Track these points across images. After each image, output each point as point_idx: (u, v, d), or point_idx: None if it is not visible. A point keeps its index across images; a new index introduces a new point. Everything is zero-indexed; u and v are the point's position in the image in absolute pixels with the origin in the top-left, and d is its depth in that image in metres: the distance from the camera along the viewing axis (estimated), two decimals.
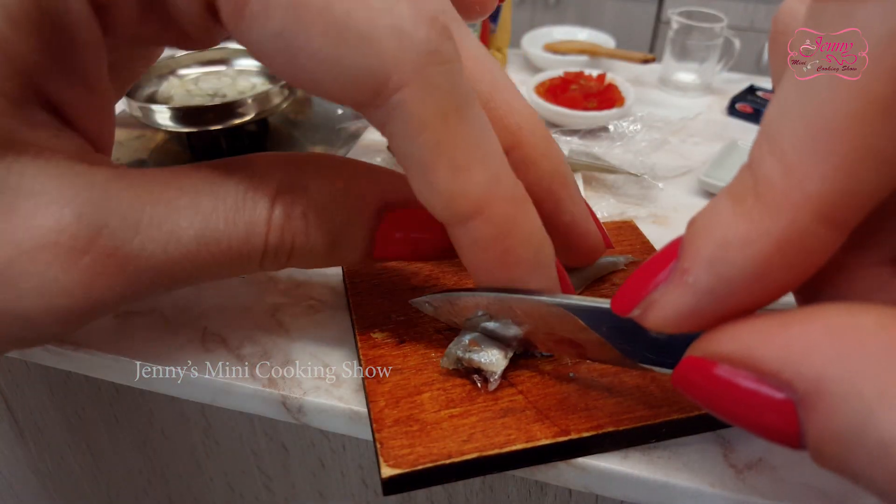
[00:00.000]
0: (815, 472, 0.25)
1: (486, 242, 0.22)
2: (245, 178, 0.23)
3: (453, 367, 0.26)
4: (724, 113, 0.59)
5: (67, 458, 0.46)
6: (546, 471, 0.26)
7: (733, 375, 0.16)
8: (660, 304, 0.18)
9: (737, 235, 0.16)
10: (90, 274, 0.20)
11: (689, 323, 0.18)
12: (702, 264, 0.17)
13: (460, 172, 0.21)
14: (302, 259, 0.24)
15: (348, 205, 0.24)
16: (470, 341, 0.26)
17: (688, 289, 0.17)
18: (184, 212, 0.22)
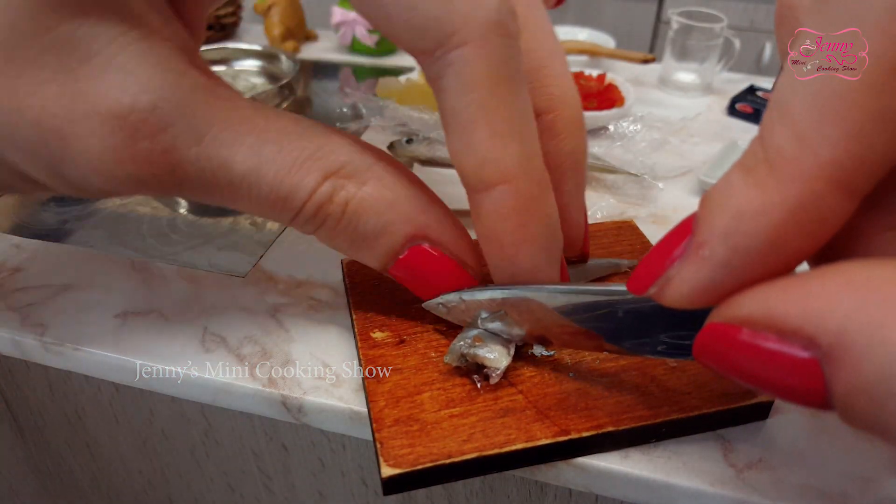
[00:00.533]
0: (815, 472, 0.25)
1: (507, 213, 0.23)
2: (314, 145, 0.23)
3: (456, 363, 0.26)
4: (724, 113, 0.59)
5: (67, 458, 0.46)
6: (546, 471, 0.26)
7: (755, 338, 0.16)
8: (676, 280, 0.18)
9: (751, 206, 0.16)
10: (141, 158, 0.21)
11: (706, 297, 0.18)
12: (717, 237, 0.17)
13: (498, 139, 0.22)
14: (325, 239, 0.25)
15: (386, 220, 0.24)
16: (474, 338, 0.26)
17: (704, 262, 0.17)
18: (245, 148, 0.22)
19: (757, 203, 0.16)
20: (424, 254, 0.25)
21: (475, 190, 0.23)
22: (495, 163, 0.22)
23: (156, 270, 0.37)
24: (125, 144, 0.21)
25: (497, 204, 0.23)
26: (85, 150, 0.21)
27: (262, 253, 0.39)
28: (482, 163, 0.22)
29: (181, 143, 0.22)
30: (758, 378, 0.17)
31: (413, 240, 0.25)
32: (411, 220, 0.25)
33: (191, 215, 0.44)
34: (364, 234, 0.24)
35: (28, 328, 0.33)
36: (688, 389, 0.26)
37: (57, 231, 0.42)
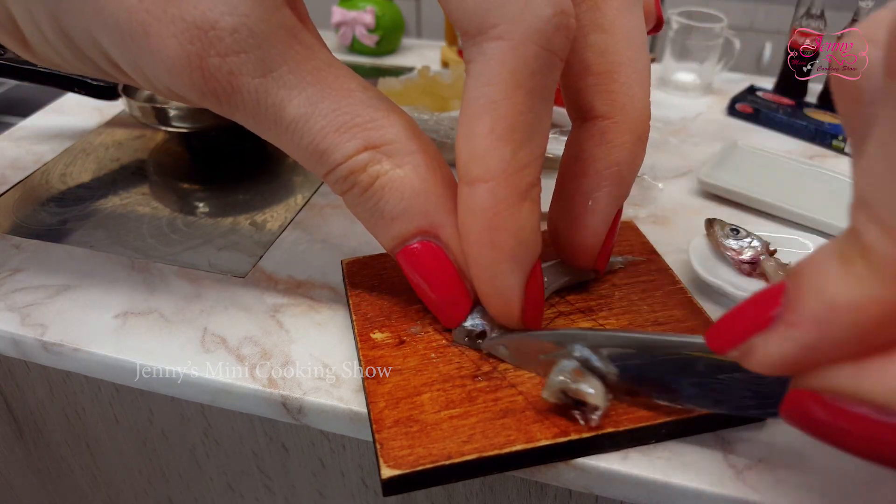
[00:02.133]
0: (815, 473, 0.25)
1: (478, 211, 0.23)
2: (368, 116, 0.24)
3: (554, 399, 0.24)
4: (724, 113, 0.59)
5: (67, 458, 0.46)
6: (546, 471, 0.26)
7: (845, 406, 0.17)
8: (762, 351, 0.19)
9: (847, 298, 0.16)
10: (207, 72, 0.22)
11: (788, 370, 0.18)
12: (809, 322, 0.17)
13: (494, 138, 0.22)
14: (349, 205, 0.26)
15: (406, 206, 0.25)
16: (574, 371, 0.24)
17: (791, 342, 0.18)
18: (304, 96, 0.23)
19: (854, 297, 0.16)
20: (431, 250, 0.26)
21: (461, 180, 0.24)
22: (482, 160, 0.23)
23: (156, 270, 0.37)
24: (198, 55, 0.22)
25: (472, 199, 0.23)
26: (163, 49, 0.22)
27: (262, 253, 0.39)
28: (472, 155, 0.23)
29: (246, 71, 0.22)
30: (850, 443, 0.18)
31: (425, 234, 0.26)
32: (429, 215, 0.25)
33: (190, 216, 0.44)
34: (382, 212, 0.25)
35: (28, 328, 0.33)
36: None
37: (57, 231, 0.42)
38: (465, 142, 0.23)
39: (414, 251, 0.26)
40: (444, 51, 0.68)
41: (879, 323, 0.16)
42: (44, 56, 0.26)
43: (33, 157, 0.51)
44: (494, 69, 0.21)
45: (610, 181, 0.27)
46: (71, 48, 0.25)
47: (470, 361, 0.27)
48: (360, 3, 0.70)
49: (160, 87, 0.24)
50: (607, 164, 0.27)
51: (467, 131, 0.23)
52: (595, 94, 0.26)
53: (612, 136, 0.26)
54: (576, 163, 0.27)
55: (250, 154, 0.51)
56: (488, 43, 0.21)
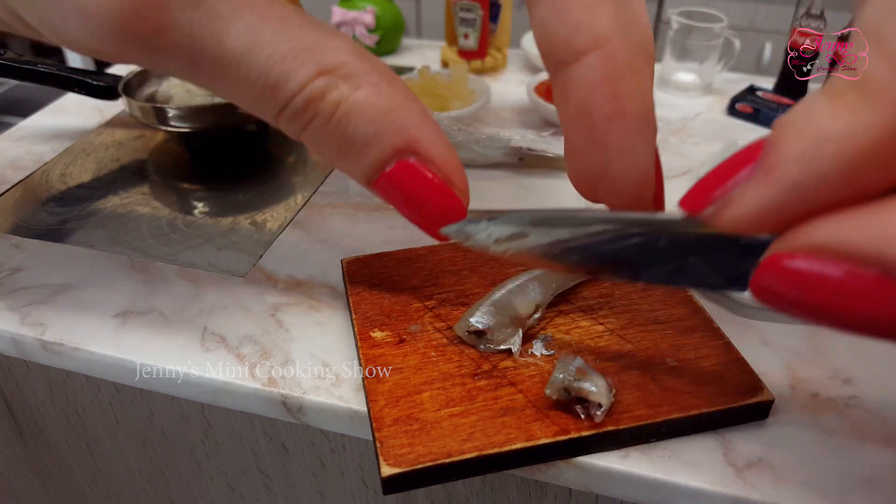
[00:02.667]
0: (815, 472, 0.25)
1: (598, 82, 0.21)
2: (314, 39, 0.22)
3: (557, 396, 0.25)
4: (724, 113, 0.59)
5: (67, 458, 0.46)
6: (546, 470, 0.26)
7: (824, 266, 0.16)
8: (739, 201, 0.17)
9: (836, 129, 0.15)
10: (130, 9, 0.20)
11: (769, 220, 0.17)
12: (792, 159, 0.16)
13: (591, 3, 0.20)
14: (312, 141, 0.24)
15: (376, 128, 0.23)
16: (577, 370, 0.24)
17: (773, 184, 0.16)
18: (242, 25, 0.21)
19: (843, 125, 0.15)
20: (412, 169, 0.24)
21: (564, 62, 0.21)
22: (588, 27, 0.20)
23: (156, 270, 0.37)
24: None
25: (588, 73, 0.21)
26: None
27: (262, 253, 0.39)
28: (574, 28, 0.20)
29: (176, 4, 0.20)
30: (825, 308, 0.16)
31: (402, 153, 0.24)
32: (402, 133, 0.23)
33: (190, 216, 0.44)
34: (352, 141, 0.23)
35: (28, 328, 0.33)
36: (688, 389, 0.26)
37: (57, 231, 0.42)
38: (557, 20, 0.21)
39: (394, 174, 0.24)
40: (444, 51, 0.68)
41: (871, 155, 0.15)
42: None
43: (33, 157, 0.51)
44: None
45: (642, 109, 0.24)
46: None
47: (470, 360, 0.27)
48: (360, 3, 0.70)
49: (73, 41, 0.22)
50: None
51: (554, 9, 0.21)
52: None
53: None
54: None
55: (250, 154, 0.51)
56: None
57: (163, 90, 0.52)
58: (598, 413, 0.24)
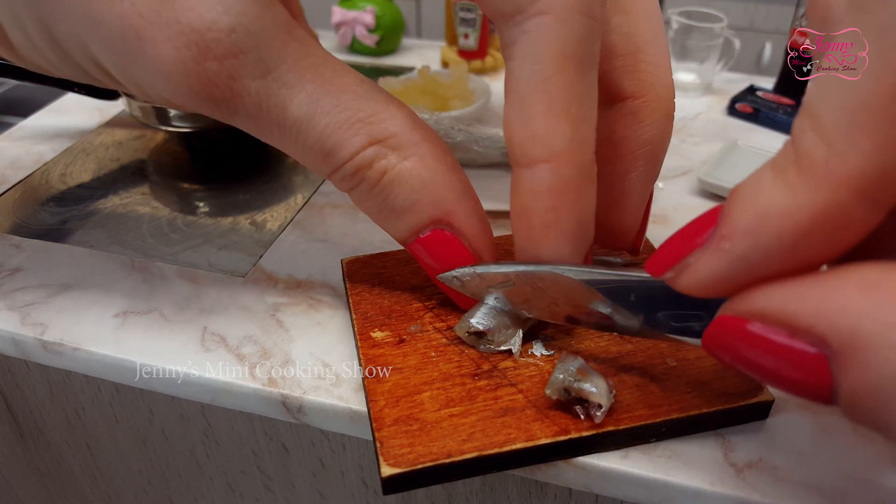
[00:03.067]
0: (815, 472, 0.25)
1: (542, 192, 0.23)
2: (369, 110, 0.24)
3: (557, 396, 0.25)
4: (724, 113, 0.59)
5: (67, 458, 0.46)
6: (546, 470, 0.26)
7: (766, 332, 0.17)
8: (694, 268, 0.19)
9: (777, 206, 0.16)
10: (205, 77, 0.22)
11: (720, 287, 0.18)
12: (740, 232, 0.17)
13: (552, 116, 0.22)
14: (357, 201, 0.26)
15: (416, 198, 0.25)
16: (577, 370, 0.24)
17: (723, 255, 0.18)
18: (305, 94, 0.23)
19: (783, 204, 0.16)
20: (444, 238, 0.26)
21: (518, 163, 0.23)
22: (543, 139, 0.22)
23: (156, 270, 0.37)
24: (195, 59, 0.21)
25: (535, 181, 0.23)
26: (157, 55, 0.21)
27: (262, 253, 0.39)
28: (531, 137, 0.22)
29: (246, 73, 0.22)
30: (764, 370, 0.18)
31: (437, 223, 0.26)
32: (440, 205, 0.25)
33: (190, 216, 0.44)
34: (392, 206, 0.25)
35: (28, 328, 0.33)
36: (688, 389, 0.26)
37: (57, 231, 0.42)
38: (520, 124, 0.22)
39: (427, 241, 0.26)
40: (444, 51, 0.68)
41: (808, 232, 0.16)
42: (30, 60, 0.25)
43: (33, 157, 0.51)
44: (542, 45, 0.21)
45: (644, 160, 0.27)
46: (59, 53, 0.24)
47: (470, 360, 0.27)
48: (360, 3, 0.70)
49: (153, 94, 0.23)
50: (640, 143, 0.26)
51: (519, 114, 0.22)
52: (622, 75, 0.26)
53: (642, 115, 0.26)
54: (607, 145, 0.27)
55: (250, 154, 0.51)
56: (531, 20, 0.21)
57: None
58: (598, 414, 0.24)
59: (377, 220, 0.26)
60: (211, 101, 0.23)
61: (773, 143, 0.53)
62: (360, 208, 0.26)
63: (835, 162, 0.15)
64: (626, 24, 0.25)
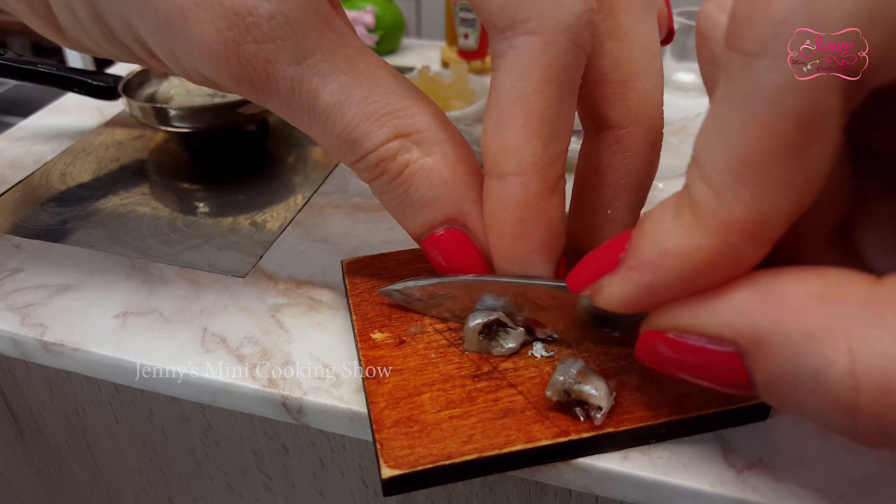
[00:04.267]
0: (815, 473, 0.25)
1: (511, 205, 0.24)
2: (399, 104, 0.24)
3: (557, 397, 0.25)
4: None
5: (67, 458, 0.46)
6: (546, 471, 0.26)
7: (683, 340, 0.20)
8: (607, 290, 0.21)
9: (675, 246, 0.18)
10: (243, 59, 0.23)
11: (632, 307, 0.21)
12: (644, 267, 0.19)
13: (525, 132, 0.23)
14: (377, 192, 0.26)
15: (435, 194, 0.25)
16: (578, 372, 0.24)
17: (631, 283, 0.20)
18: (337, 84, 0.24)
19: (680, 244, 0.18)
20: (458, 238, 0.26)
21: (490, 174, 0.24)
22: (515, 154, 0.23)
23: (156, 270, 0.37)
24: (235, 41, 0.22)
25: (504, 193, 0.24)
26: (199, 35, 0.22)
27: (262, 253, 0.39)
28: (504, 149, 0.23)
29: (282, 58, 0.23)
30: (692, 373, 0.20)
31: (452, 222, 0.26)
32: (457, 204, 0.26)
33: (190, 216, 0.44)
34: (410, 200, 0.25)
35: (28, 328, 0.33)
36: (688, 390, 0.26)
37: (57, 231, 0.42)
38: (495, 136, 0.23)
39: (441, 238, 0.26)
40: (444, 51, 0.68)
41: (702, 269, 0.18)
42: (76, 41, 0.26)
43: (33, 157, 0.51)
44: (526, 63, 0.22)
45: (628, 191, 0.27)
46: (105, 33, 0.25)
47: (470, 361, 0.27)
48: (360, 3, 0.70)
49: (193, 73, 0.24)
50: (625, 173, 0.27)
51: (496, 125, 0.23)
52: (611, 103, 0.26)
53: (628, 145, 0.26)
54: (593, 173, 0.27)
55: (250, 154, 0.51)
56: (520, 37, 0.22)
57: (163, 90, 0.52)
58: (597, 416, 0.24)
59: (394, 212, 0.27)
60: (247, 82, 0.23)
61: None
62: (378, 200, 0.27)
63: (722, 210, 0.17)
64: (619, 51, 0.25)
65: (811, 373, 0.16)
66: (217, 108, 0.46)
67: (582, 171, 0.28)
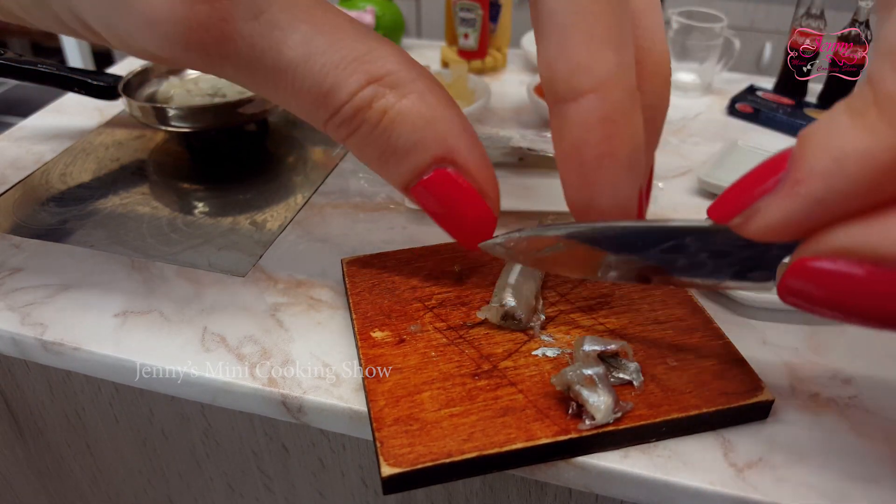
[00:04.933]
0: (815, 472, 0.25)
1: (594, 123, 0.22)
2: (364, 48, 0.23)
3: (560, 388, 0.25)
4: (724, 113, 0.59)
5: (67, 458, 0.45)
6: (546, 470, 0.26)
7: (848, 267, 0.17)
8: (765, 213, 0.19)
9: (856, 148, 0.16)
10: (195, 21, 0.21)
11: (793, 230, 0.18)
12: (816, 176, 0.17)
13: (595, 45, 0.21)
14: (356, 147, 0.25)
15: (419, 136, 0.24)
16: (588, 377, 0.24)
17: (797, 199, 0.18)
18: (298, 35, 0.22)
19: (864, 145, 0.16)
20: (448, 178, 0.25)
21: (564, 99, 0.22)
22: (589, 69, 0.22)
23: (156, 270, 0.37)
24: (184, 2, 0.21)
25: (585, 113, 0.22)
26: (145, 2, 0.21)
27: (262, 253, 0.39)
28: (575, 68, 0.22)
29: (238, 15, 0.21)
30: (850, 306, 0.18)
31: (440, 162, 0.25)
32: (443, 142, 0.24)
33: (190, 216, 0.44)
34: (395, 147, 0.24)
35: (28, 328, 0.33)
36: (688, 389, 0.26)
37: (57, 231, 0.42)
38: (561, 58, 0.22)
39: (432, 181, 0.25)
40: (444, 51, 0.68)
41: (889, 171, 0.16)
42: (5, 8, 0.24)
43: (33, 157, 0.51)
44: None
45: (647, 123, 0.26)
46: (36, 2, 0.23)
47: (470, 360, 0.27)
48: (360, 3, 0.70)
49: (135, 46, 0.23)
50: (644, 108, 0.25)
51: (560, 47, 0.22)
52: None
53: (642, 80, 0.25)
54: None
55: (250, 154, 0.51)
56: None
57: (163, 90, 0.52)
58: (585, 422, 0.24)
59: (377, 166, 0.25)
60: (201, 47, 0.22)
61: (773, 143, 0.53)
62: (358, 156, 0.25)
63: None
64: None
65: None
66: (217, 108, 0.46)
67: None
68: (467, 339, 0.28)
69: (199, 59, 0.22)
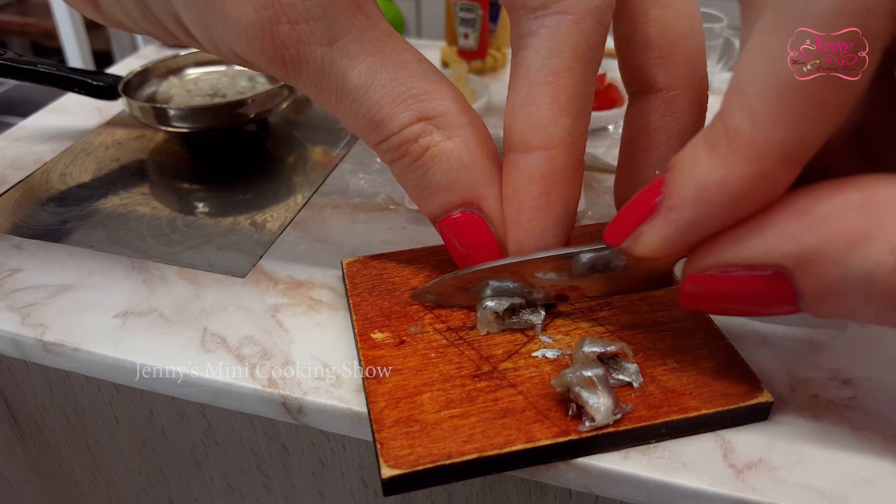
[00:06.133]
0: (815, 473, 0.25)
1: (536, 178, 0.24)
2: (423, 88, 0.25)
3: (559, 389, 0.25)
4: None
5: (67, 458, 0.46)
6: (546, 471, 0.26)
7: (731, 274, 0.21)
8: (647, 236, 0.22)
9: (713, 178, 0.19)
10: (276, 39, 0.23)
11: (671, 250, 0.21)
12: (684, 203, 0.20)
13: (556, 108, 0.23)
14: (397, 174, 0.27)
15: (453, 178, 0.26)
16: (588, 379, 0.24)
17: (672, 224, 0.21)
18: (365, 66, 0.24)
19: (719, 176, 0.19)
20: (473, 221, 0.27)
21: (515, 149, 0.24)
22: (545, 129, 0.24)
23: (156, 270, 0.37)
24: (269, 21, 0.23)
25: (530, 167, 0.24)
26: (236, 14, 0.23)
27: (262, 253, 0.39)
28: (534, 125, 0.24)
29: (314, 39, 0.23)
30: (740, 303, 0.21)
31: (469, 205, 0.27)
32: (474, 187, 0.26)
33: (190, 216, 0.44)
34: (429, 182, 0.26)
35: (28, 328, 0.33)
36: (688, 389, 0.26)
37: (57, 231, 0.42)
38: (523, 111, 0.24)
39: (457, 221, 0.27)
40: (444, 51, 0.68)
41: (742, 197, 0.19)
42: (112, 16, 0.27)
43: (33, 157, 0.51)
44: (558, 41, 0.23)
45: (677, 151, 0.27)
46: (141, 8, 0.25)
47: (470, 361, 0.27)
48: None
49: (226, 51, 0.25)
50: (673, 134, 0.27)
51: (525, 101, 0.24)
52: (658, 66, 0.26)
53: (676, 106, 0.27)
54: (641, 136, 0.27)
55: (250, 154, 0.51)
56: (552, 17, 0.22)
57: (163, 90, 0.52)
58: (585, 423, 0.24)
59: (413, 193, 0.27)
60: (280, 61, 0.24)
61: None
62: (398, 181, 0.27)
63: (760, 136, 0.18)
64: (663, 16, 0.26)
65: (861, 277, 0.18)
66: (217, 109, 0.46)
67: (630, 135, 0.28)
68: (467, 340, 0.28)
69: (278, 70, 0.24)
